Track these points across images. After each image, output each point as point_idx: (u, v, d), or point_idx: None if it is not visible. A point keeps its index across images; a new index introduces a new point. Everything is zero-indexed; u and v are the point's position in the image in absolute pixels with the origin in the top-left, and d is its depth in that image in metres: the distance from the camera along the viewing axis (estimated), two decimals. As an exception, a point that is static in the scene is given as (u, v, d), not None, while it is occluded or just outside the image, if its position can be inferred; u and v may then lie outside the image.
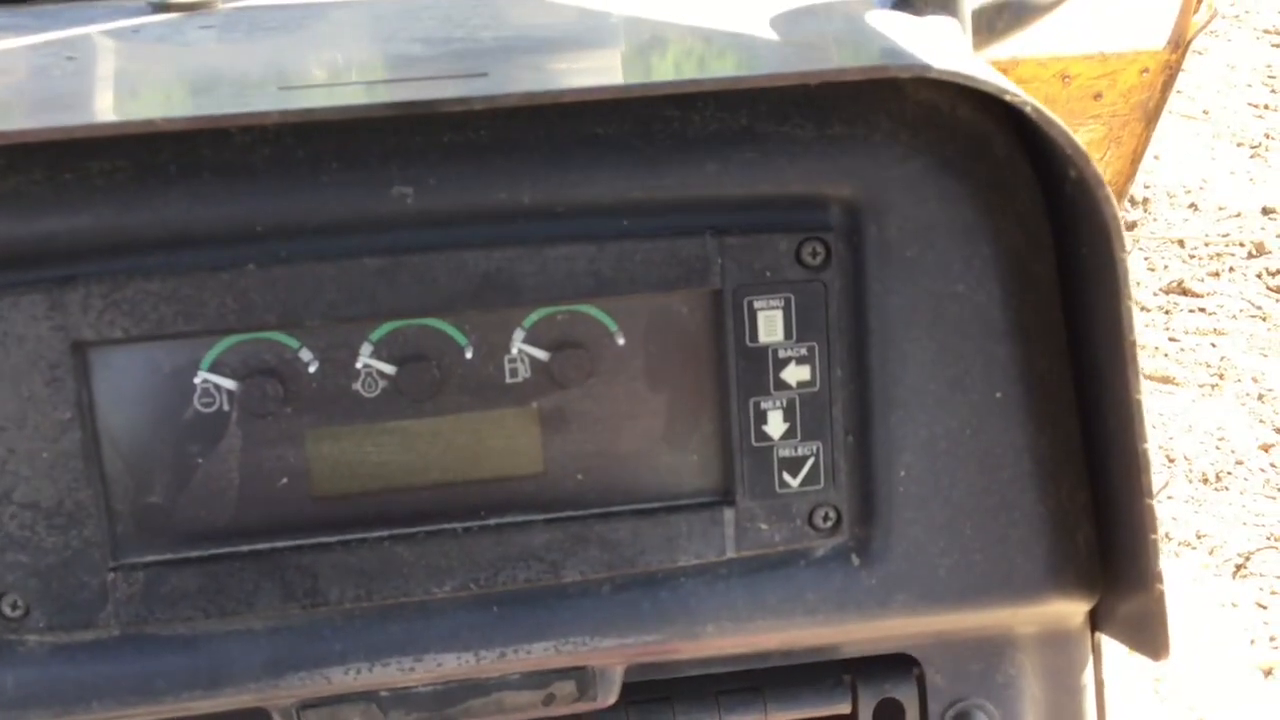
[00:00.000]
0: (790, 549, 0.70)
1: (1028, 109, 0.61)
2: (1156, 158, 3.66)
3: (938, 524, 0.70)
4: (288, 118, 0.59)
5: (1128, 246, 0.63)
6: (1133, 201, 3.44)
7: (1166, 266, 3.33)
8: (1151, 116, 2.83)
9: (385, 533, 0.67)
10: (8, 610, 0.65)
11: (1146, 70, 2.40)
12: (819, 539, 0.70)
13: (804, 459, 0.69)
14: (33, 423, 0.63)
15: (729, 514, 0.69)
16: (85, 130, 0.58)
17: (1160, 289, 3.24)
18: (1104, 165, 0.93)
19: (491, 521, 0.68)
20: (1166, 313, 3.18)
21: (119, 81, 0.67)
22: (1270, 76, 4.19)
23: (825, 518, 0.70)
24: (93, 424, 0.64)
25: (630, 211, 0.66)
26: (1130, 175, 2.88)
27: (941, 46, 0.68)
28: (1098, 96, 2.76)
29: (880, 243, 0.67)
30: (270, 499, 0.66)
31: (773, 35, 0.70)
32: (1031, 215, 0.68)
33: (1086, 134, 2.93)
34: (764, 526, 0.69)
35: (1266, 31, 4.46)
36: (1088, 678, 0.78)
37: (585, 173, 0.65)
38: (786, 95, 0.65)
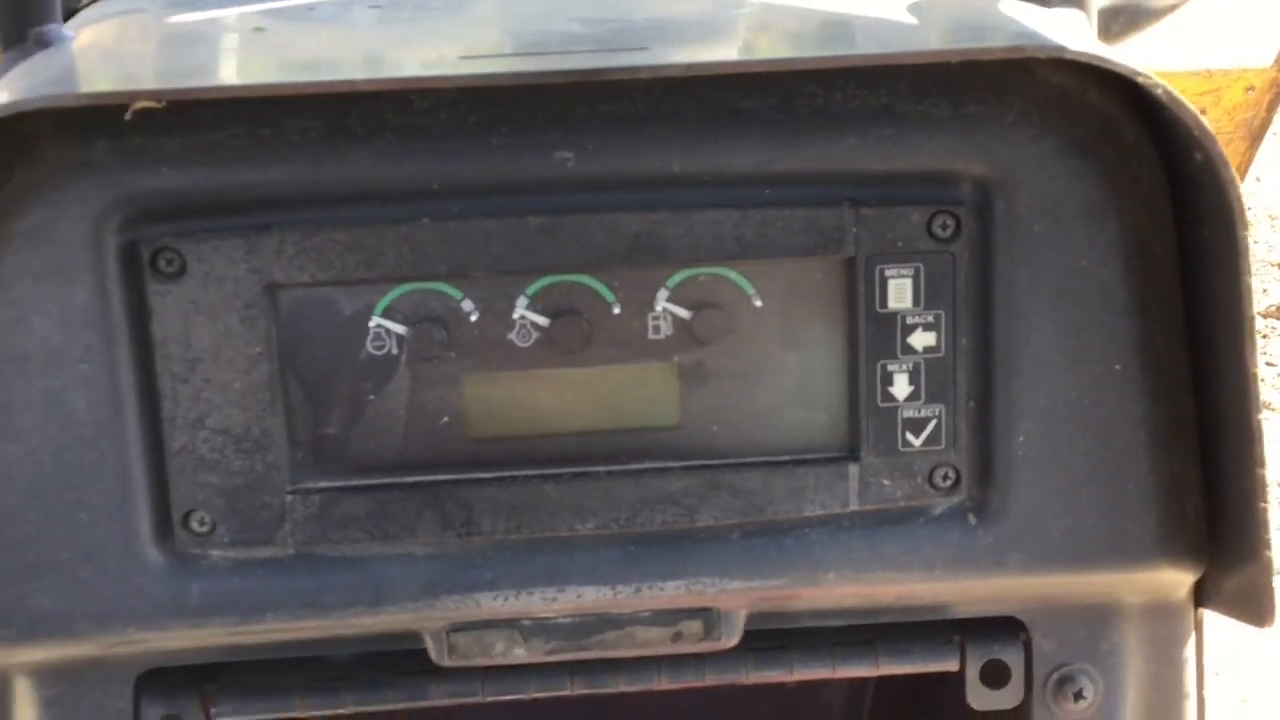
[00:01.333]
0: (910, 505, 0.74)
1: (1159, 91, 0.65)
2: (1259, 179, 3.61)
3: (1054, 489, 0.73)
4: (472, 83, 0.65)
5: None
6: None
7: (1265, 290, 3.28)
8: (1256, 135, 2.80)
9: (534, 472, 0.73)
10: (196, 526, 0.71)
11: (1252, 88, 2.39)
12: (938, 497, 0.74)
13: (927, 420, 0.73)
14: (227, 356, 0.69)
15: (854, 469, 0.73)
16: (292, 89, 0.64)
17: (1259, 312, 3.21)
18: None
19: (632, 467, 0.73)
20: (1264, 337, 3.14)
21: (309, 50, 0.73)
22: (1378, 103, 4.11)
23: (945, 477, 0.74)
24: (279, 359, 0.70)
25: (772, 182, 0.70)
26: (1233, 193, 2.80)
27: (1072, 35, 0.72)
28: (1201, 113, 2.71)
29: (1009, 218, 0.71)
30: (431, 436, 0.72)
31: (910, 20, 0.75)
32: (1155, 196, 0.71)
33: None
34: (886, 482, 0.73)
35: (1375, 58, 4.37)
36: (1190, 652, 0.81)
37: (731, 144, 0.70)
38: (924, 75, 0.69)
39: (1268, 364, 3.07)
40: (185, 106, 0.66)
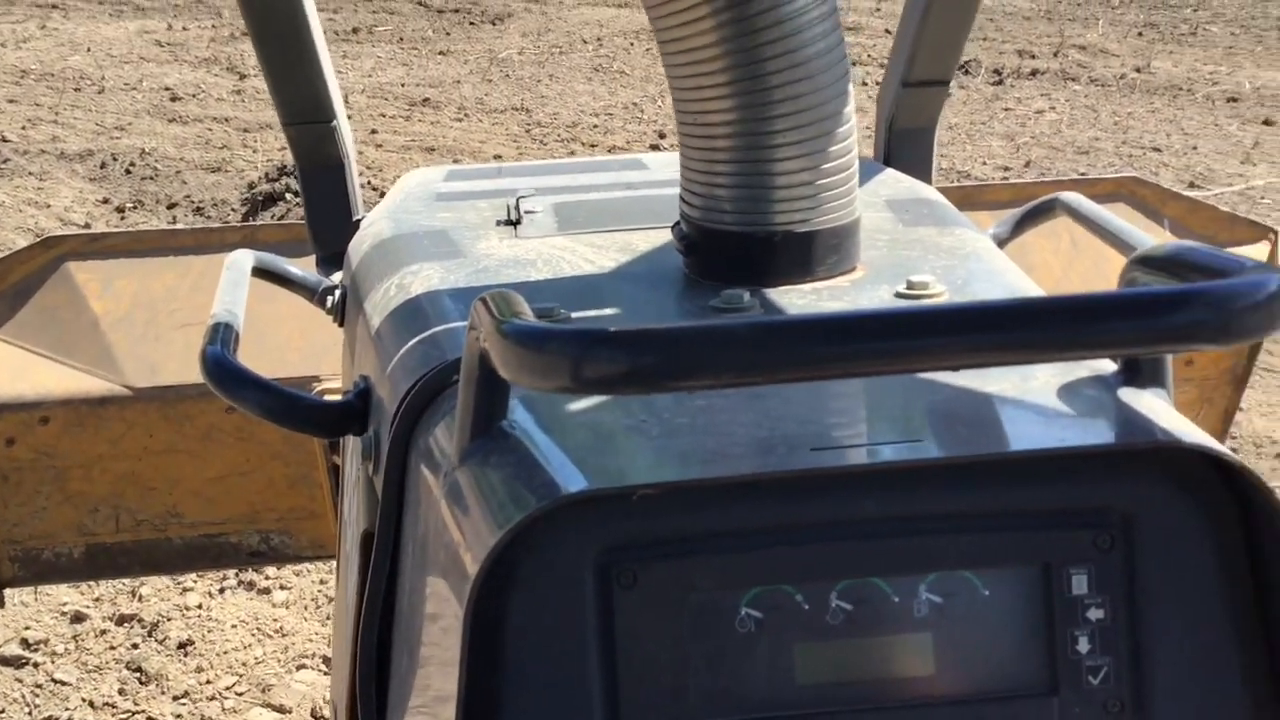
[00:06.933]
0: None
1: (1246, 473, 1.07)
2: (1242, 409, 4.09)
3: (1185, 711, 1.12)
4: (832, 472, 1.06)
5: None
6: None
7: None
8: (1240, 380, 3.27)
9: (845, 707, 1.11)
10: None
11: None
12: (1109, 719, 1.12)
13: (1100, 667, 1.12)
14: (660, 635, 1.08)
15: (1056, 701, 1.12)
16: (724, 481, 1.06)
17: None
18: (1196, 423, 1.29)
19: (907, 700, 1.11)
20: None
21: (695, 444, 1.14)
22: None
23: (1113, 705, 1.12)
24: (688, 637, 1.09)
25: (993, 518, 1.12)
26: (1223, 433, 3.29)
27: (1172, 419, 1.15)
28: (1189, 363, 3.23)
29: (1144, 535, 1.12)
30: (777, 682, 1.11)
31: (1067, 409, 1.17)
32: (1237, 530, 1.12)
33: (1180, 395, 3.35)
34: (1077, 710, 1.12)
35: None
36: None
37: (961, 497, 1.11)
38: (1088, 455, 1.11)
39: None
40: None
